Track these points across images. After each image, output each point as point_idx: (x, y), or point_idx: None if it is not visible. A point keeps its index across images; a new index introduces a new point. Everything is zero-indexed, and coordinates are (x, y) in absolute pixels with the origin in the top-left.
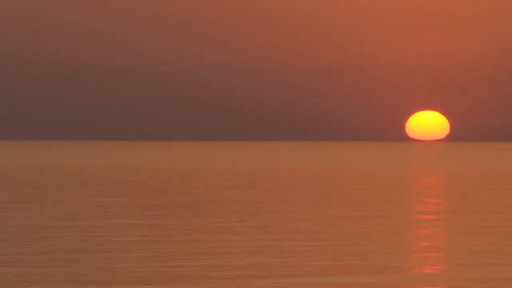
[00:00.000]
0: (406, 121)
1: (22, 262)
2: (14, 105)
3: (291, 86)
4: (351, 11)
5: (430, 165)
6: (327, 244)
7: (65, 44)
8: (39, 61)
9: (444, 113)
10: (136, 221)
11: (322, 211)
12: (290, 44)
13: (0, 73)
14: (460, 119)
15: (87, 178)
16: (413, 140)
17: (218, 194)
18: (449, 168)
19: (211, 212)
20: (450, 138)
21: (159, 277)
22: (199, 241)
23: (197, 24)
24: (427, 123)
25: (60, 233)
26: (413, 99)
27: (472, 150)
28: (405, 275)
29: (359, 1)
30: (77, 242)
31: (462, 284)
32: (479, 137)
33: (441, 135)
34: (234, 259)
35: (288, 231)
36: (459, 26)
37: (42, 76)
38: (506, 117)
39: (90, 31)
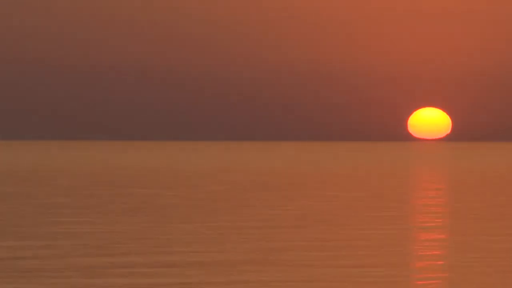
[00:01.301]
0: (408, 119)
1: None
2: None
3: (291, 86)
4: (351, 10)
5: (434, 167)
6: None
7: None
8: (42, 61)
9: (446, 110)
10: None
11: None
12: (289, 44)
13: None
14: (461, 118)
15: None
16: (416, 139)
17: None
18: (453, 169)
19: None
20: (452, 136)
21: None
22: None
23: (199, 24)
24: (429, 121)
25: None
26: (414, 96)
27: (475, 150)
28: None
29: (359, 0)
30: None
31: None
32: (480, 136)
33: (443, 133)
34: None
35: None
36: (460, 24)
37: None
38: (508, 116)
39: (92, 32)
